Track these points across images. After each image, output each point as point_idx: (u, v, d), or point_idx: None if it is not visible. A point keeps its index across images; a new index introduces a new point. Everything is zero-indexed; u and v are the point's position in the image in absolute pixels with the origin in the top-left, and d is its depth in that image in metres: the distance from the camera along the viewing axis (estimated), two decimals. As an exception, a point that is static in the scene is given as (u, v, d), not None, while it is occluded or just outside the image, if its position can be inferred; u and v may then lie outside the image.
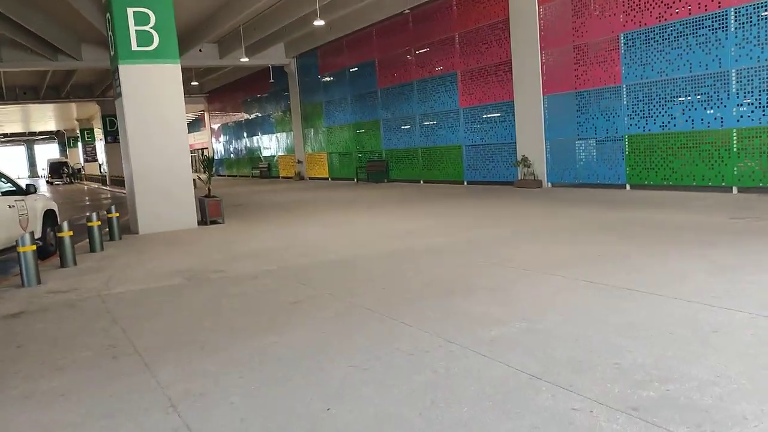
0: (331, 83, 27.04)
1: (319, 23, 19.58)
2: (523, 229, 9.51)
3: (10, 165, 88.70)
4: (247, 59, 26.14)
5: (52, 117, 56.05)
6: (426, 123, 21.16)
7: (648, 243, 7.56)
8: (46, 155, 74.28)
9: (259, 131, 36.17)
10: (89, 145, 59.42)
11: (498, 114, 18.01)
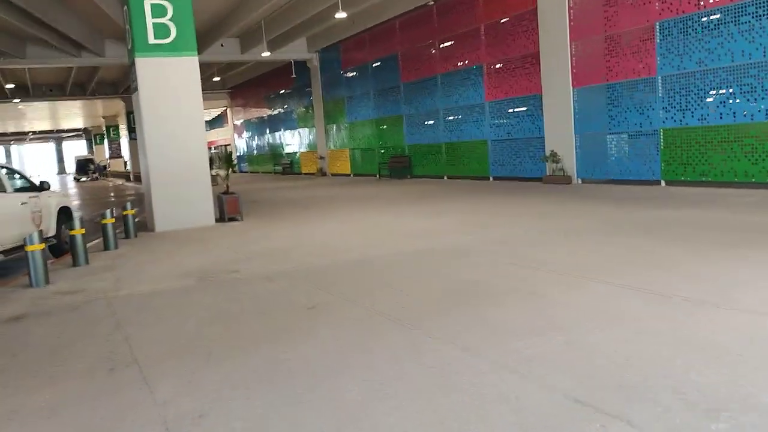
0: (353, 78, 26.61)
1: (341, 15, 19.15)
2: (554, 227, 8.98)
3: (40, 161, 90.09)
4: (268, 54, 25.84)
5: (80, 114, 56.52)
6: (450, 118, 20.63)
7: (693, 244, 6.99)
8: (74, 152, 75.05)
9: (281, 127, 35.91)
10: (114, 142, 59.85)
11: (525, 108, 17.43)
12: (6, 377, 4.19)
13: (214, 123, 54.85)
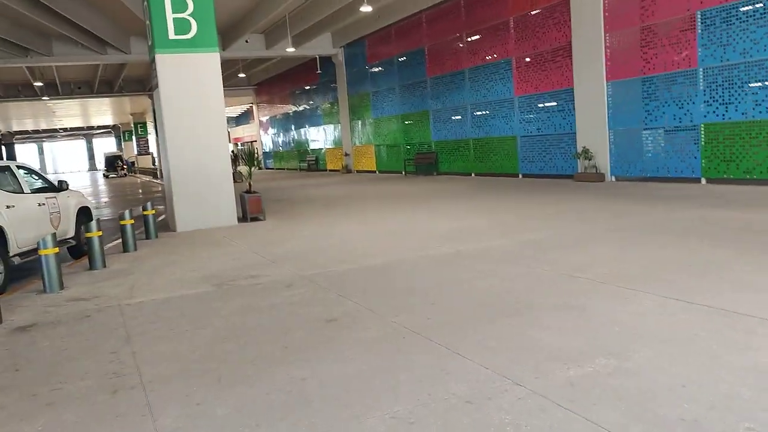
0: (378, 73, 26.20)
1: (366, 9, 18.74)
2: (589, 229, 8.49)
3: (72, 158, 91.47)
4: (293, 49, 25.52)
5: (109, 111, 57.05)
6: (478, 113, 20.11)
7: (746, 249, 6.46)
8: (104, 149, 75.93)
9: (306, 123, 35.68)
10: (142, 139, 60.35)
11: (556, 102, 16.84)
12: (4, 398, 3.89)
13: (240, 119, 54.96)
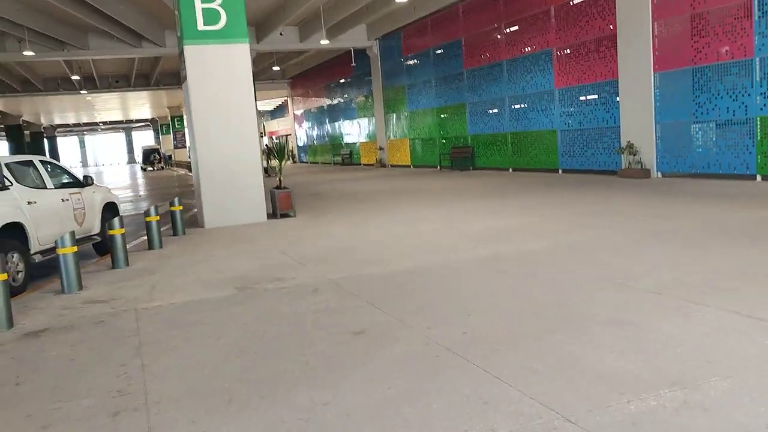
0: (414, 66, 25.66)
1: (401, 0, 18.22)
2: (641, 230, 7.88)
3: (112, 151, 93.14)
4: (327, 42, 25.19)
5: (147, 105, 57.69)
6: (516, 106, 19.45)
7: (817, 257, 5.83)
8: (143, 142, 76.94)
9: (341, 117, 35.34)
10: (179, 132, 60.85)
11: (599, 95, 16.11)
12: (-1, 416, 3.58)
13: (276, 113, 54.96)
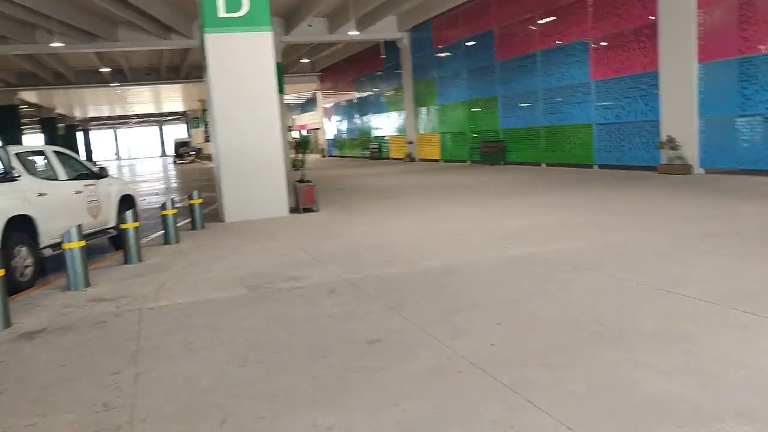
0: (444, 58, 25.04)
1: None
2: (686, 231, 7.28)
3: (144, 144, 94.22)
4: (357, 33, 24.74)
5: (179, 98, 58.01)
6: (550, 99, 18.74)
7: None
8: (175, 135, 77.51)
9: (370, 110, 34.88)
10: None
11: (638, 87, 15.36)
12: (-29, 432, 3.22)
13: (305, 106, 54.81)
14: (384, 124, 32.86)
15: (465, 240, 7.74)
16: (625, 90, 15.77)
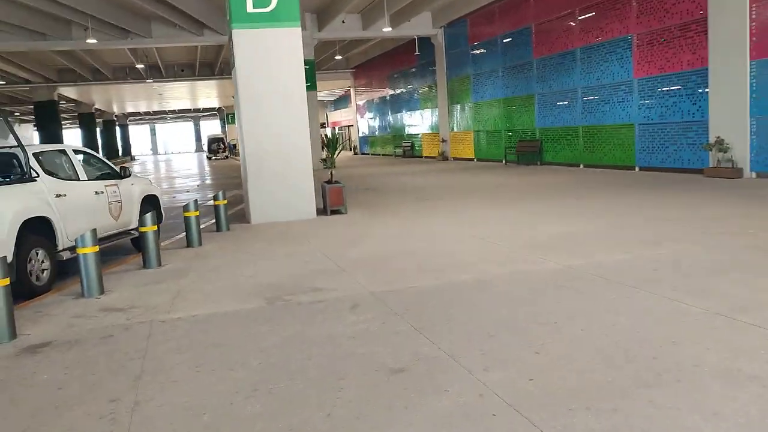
0: (480, 55, 24.45)
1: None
2: (744, 244, 6.68)
3: (180, 140, 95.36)
4: (390, 29, 24.32)
5: (214, 94, 58.28)
6: (590, 97, 18.05)
7: None
8: (210, 131, 78.07)
9: (403, 108, 34.43)
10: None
11: (684, 85, 14.62)
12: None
13: (339, 103, 54.61)
14: (417, 122, 32.39)
15: (499, 248, 7.26)
16: (671, 88, 15.03)
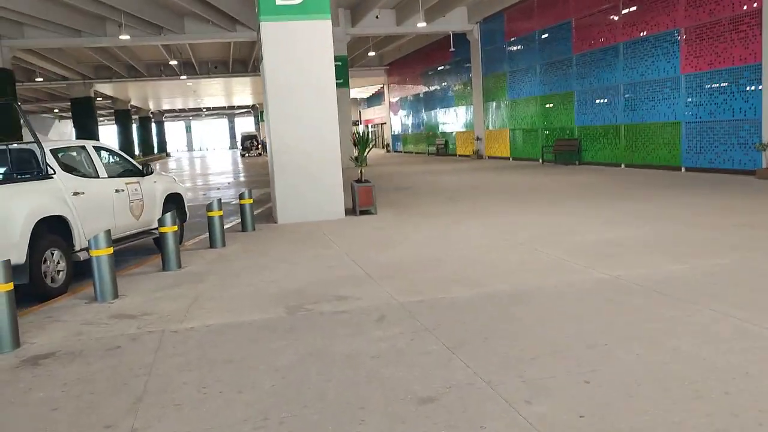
0: (517, 51, 23.76)
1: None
2: (810, 255, 6.06)
3: (215, 137, 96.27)
4: (425, 24, 23.80)
5: (248, 91, 58.44)
6: (632, 95, 17.27)
7: None
8: (244, 128, 78.49)
9: (437, 105, 33.85)
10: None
11: (736, 82, 13.80)
12: None
13: (372, 101, 54.18)
14: (451, 120, 31.80)
15: (538, 255, 6.75)
16: (721, 85, 14.23)
